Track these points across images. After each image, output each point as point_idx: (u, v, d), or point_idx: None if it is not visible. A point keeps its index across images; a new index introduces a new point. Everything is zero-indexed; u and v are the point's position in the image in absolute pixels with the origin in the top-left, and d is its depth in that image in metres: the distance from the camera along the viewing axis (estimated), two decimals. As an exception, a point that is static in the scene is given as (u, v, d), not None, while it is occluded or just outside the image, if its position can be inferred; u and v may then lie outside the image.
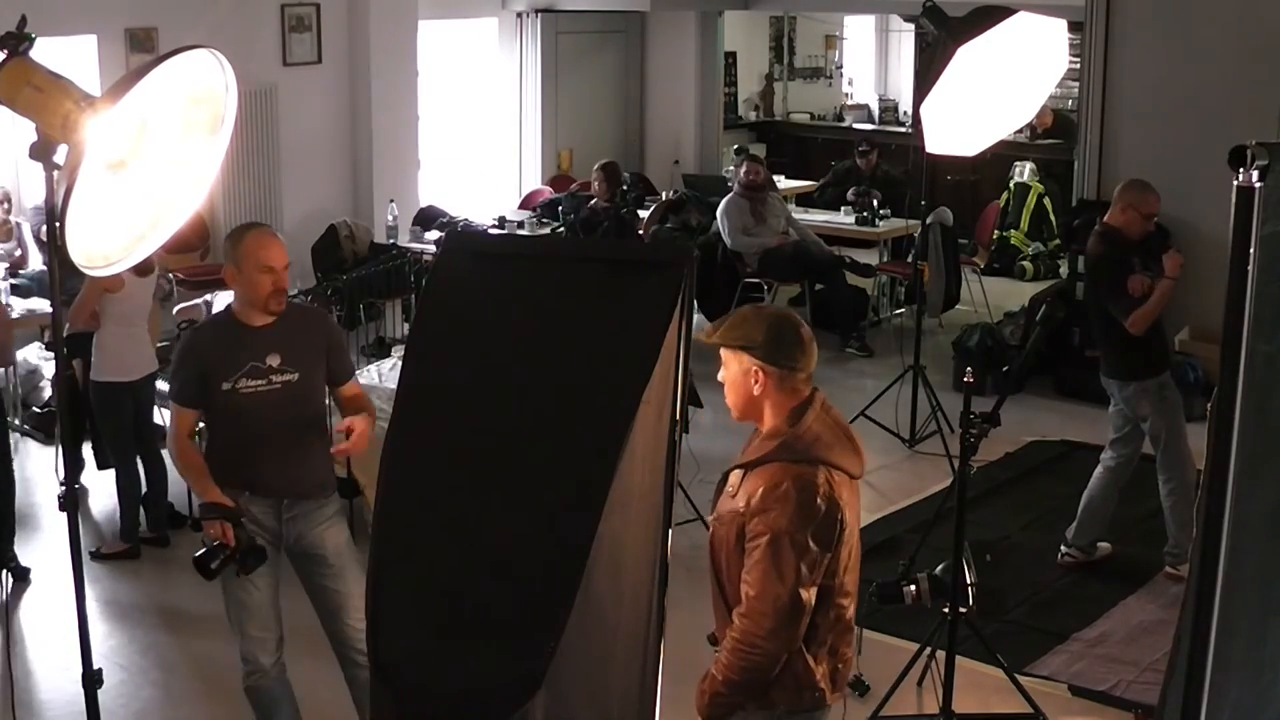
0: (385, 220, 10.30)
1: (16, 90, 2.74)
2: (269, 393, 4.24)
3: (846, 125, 14.91)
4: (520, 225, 10.34)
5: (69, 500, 3.24)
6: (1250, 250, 2.29)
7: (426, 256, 9.37)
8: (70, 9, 8.70)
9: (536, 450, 2.87)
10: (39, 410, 8.03)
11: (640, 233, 10.50)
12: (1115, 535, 6.37)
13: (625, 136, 13.49)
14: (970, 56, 6.31)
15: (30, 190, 8.98)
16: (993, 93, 6.58)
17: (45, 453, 7.71)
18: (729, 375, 3.31)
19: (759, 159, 10.47)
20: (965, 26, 6.43)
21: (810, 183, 12.72)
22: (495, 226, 10.33)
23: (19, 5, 3.15)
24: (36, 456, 7.71)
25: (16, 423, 7.68)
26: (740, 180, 10.11)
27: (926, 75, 6.59)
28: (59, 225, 2.66)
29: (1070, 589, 6.08)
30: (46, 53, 2.85)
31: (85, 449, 7.07)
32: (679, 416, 2.96)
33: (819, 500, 3.14)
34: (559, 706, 2.80)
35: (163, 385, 6.54)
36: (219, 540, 4.12)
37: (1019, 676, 5.02)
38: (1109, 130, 8.86)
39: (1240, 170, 2.29)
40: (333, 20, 10.49)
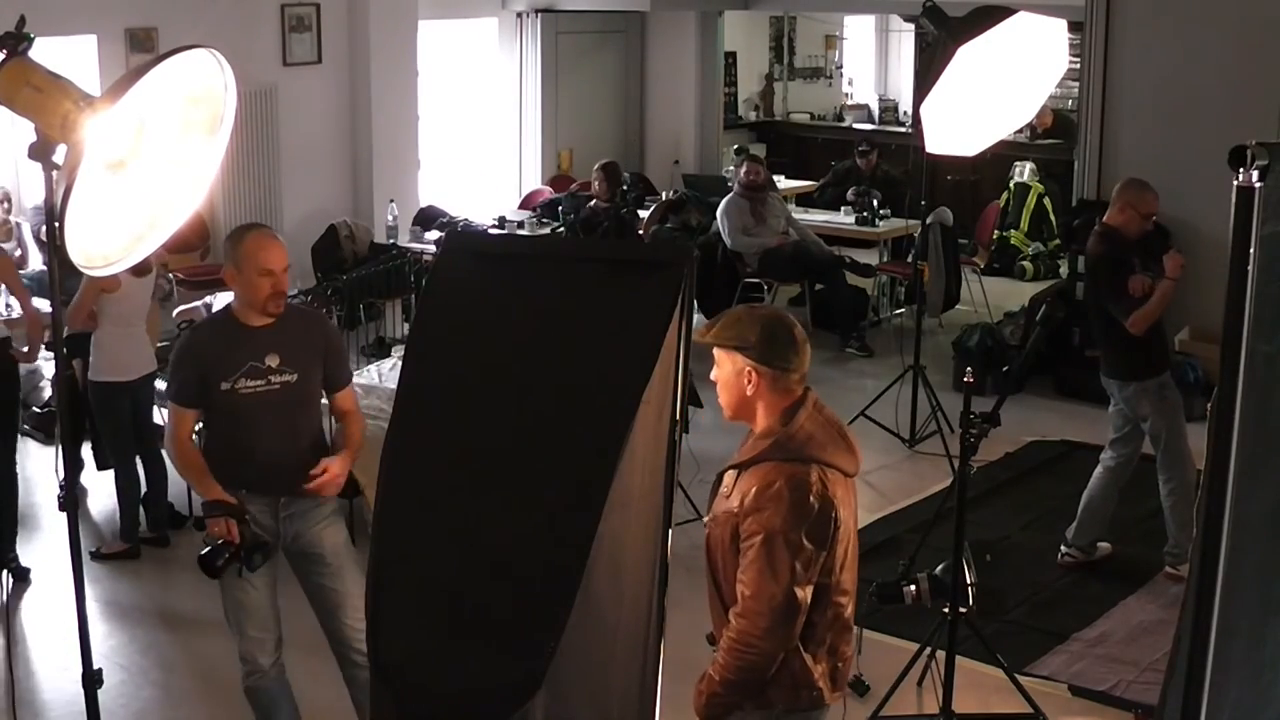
0: (385, 220, 10.30)
1: (16, 90, 2.74)
2: (268, 393, 4.24)
3: (846, 125, 14.91)
4: (520, 225, 10.34)
5: (69, 500, 3.24)
6: (1250, 250, 2.29)
7: (426, 256, 9.37)
8: (70, 9, 8.70)
9: (536, 450, 2.87)
10: (39, 410, 8.03)
11: (640, 233, 10.50)
12: (1115, 535, 6.36)
13: (625, 136, 13.49)
14: (970, 56, 6.31)
15: (30, 190, 8.98)
16: (993, 93, 6.57)
17: (45, 453, 7.71)
18: (722, 375, 3.32)
19: (759, 159, 10.50)
20: (965, 26, 6.43)
21: (810, 183, 12.72)
22: (495, 226, 10.33)
23: (19, 5, 3.15)
24: (36, 456, 7.70)
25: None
26: (740, 180, 10.12)
27: (926, 75, 6.59)
28: (58, 225, 2.66)
29: (1070, 589, 6.08)
30: (46, 53, 2.85)
31: (85, 449, 7.07)
32: (679, 416, 2.96)
33: (812, 499, 3.14)
34: (559, 706, 2.80)
35: (162, 385, 6.54)
36: (224, 538, 4.11)
37: (1019, 676, 5.03)
38: (1109, 130, 8.86)
39: (1240, 170, 2.29)
40: (333, 20, 10.49)
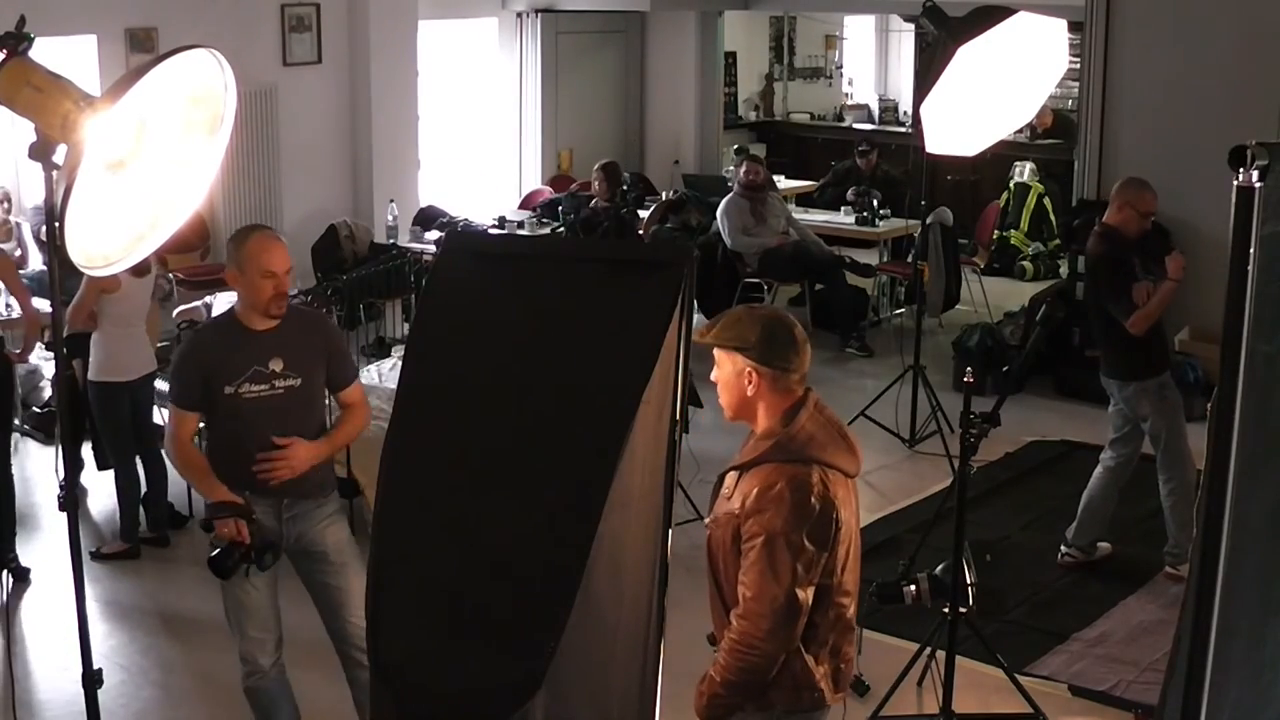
0: (385, 220, 10.30)
1: (16, 90, 2.74)
2: (271, 397, 4.23)
3: (846, 125, 14.91)
4: (520, 225, 10.34)
5: (69, 500, 3.24)
6: (1250, 250, 2.29)
7: (426, 256, 9.37)
8: (70, 9, 8.70)
9: (536, 450, 2.87)
10: (39, 410, 8.03)
11: (640, 233, 10.50)
12: (1115, 535, 6.36)
13: (625, 136, 13.49)
14: (970, 56, 6.31)
15: (30, 190, 8.98)
16: (993, 93, 6.57)
17: (45, 453, 7.71)
18: (722, 376, 3.31)
19: (758, 159, 10.49)
20: (965, 26, 6.43)
21: (810, 183, 12.72)
22: (495, 226, 10.33)
23: (19, 5, 3.15)
24: (36, 456, 7.71)
25: (17, 422, 7.67)
26: (740, 180, 10.12)
27: (926, 75, 6.59)
28: (59, 225, 2.66)
29: (1070, 589, 6.08)
30: (46, 53, 2.85)
31: (85, 449, 7.07)
32: (679, 416, 2.96)
33: (813, 500, 3.13)
34: (559, 706, 2.80)
35: (162, 385, 6.54)
36: (233, 539, 4.08)
37: (1019, 676, 5.02)
38: (1109, 130, 8.86)
39: (1240, 170, 2.29)
40: (333, 20, 10.49)
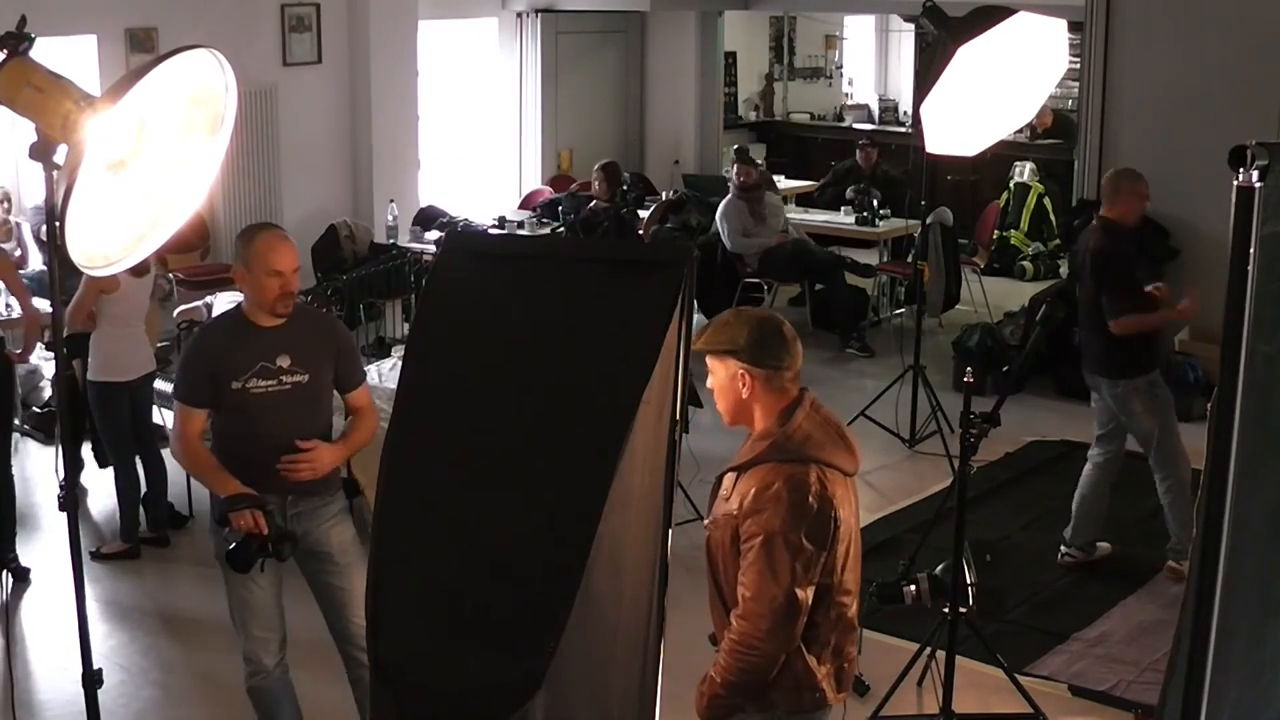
0: (385, 220, 10.30)
1: (16, 90, 2.74)
2: (279, 393, 4.22)
3: (846, 125, 14.90)
4: (520, 225, 10.34)
5: (69, 500, 3.24)
6: (1250, 250, 2.29)
7: (426, 256, 9.37)
8: (70, 9, 8.70)
9: (536, 450, 2.87)
10: (39, 410, 8.03)
11: (640, 233, 10.50)
12: (1115, 535, 6.37)
13: (625, 136, 13.49)
14: (970, 56, 6.31)
15: (30, 190, 8.98)
16: (993, 93, 6.57)
17: (45, 453, 7.71)
18: (717, 382, 3.32)
19: (750, 159, 10.37)
20: (965, 26, 6.43)
21: (810, 183, 12.72)
22: (495, 226, 10.33)
23: (19, 5, 3.15)
24: (36, 456, 7.71)
25: (17, 422, 7.67)
26: (733, 182, 10.10)
27: (926, 75, 6.59)
28: (59, 225, 2.66)
29: (1070, 589, 6.08)
30: (46, 53, 2.85)
31: (85, 449, 7.07)
32: (679, 416, 2.96)
33: (811, 499, 3.13)
34: (559, 706, 2.80)
35: (161, 385, 6.54)
36: (250, 530, 4.03)
37: (1019, 676, 5.02)
38: (1109, 130, 8.87)
39: (1240, 170, 2.29)
40: (333, 20, 10.49)
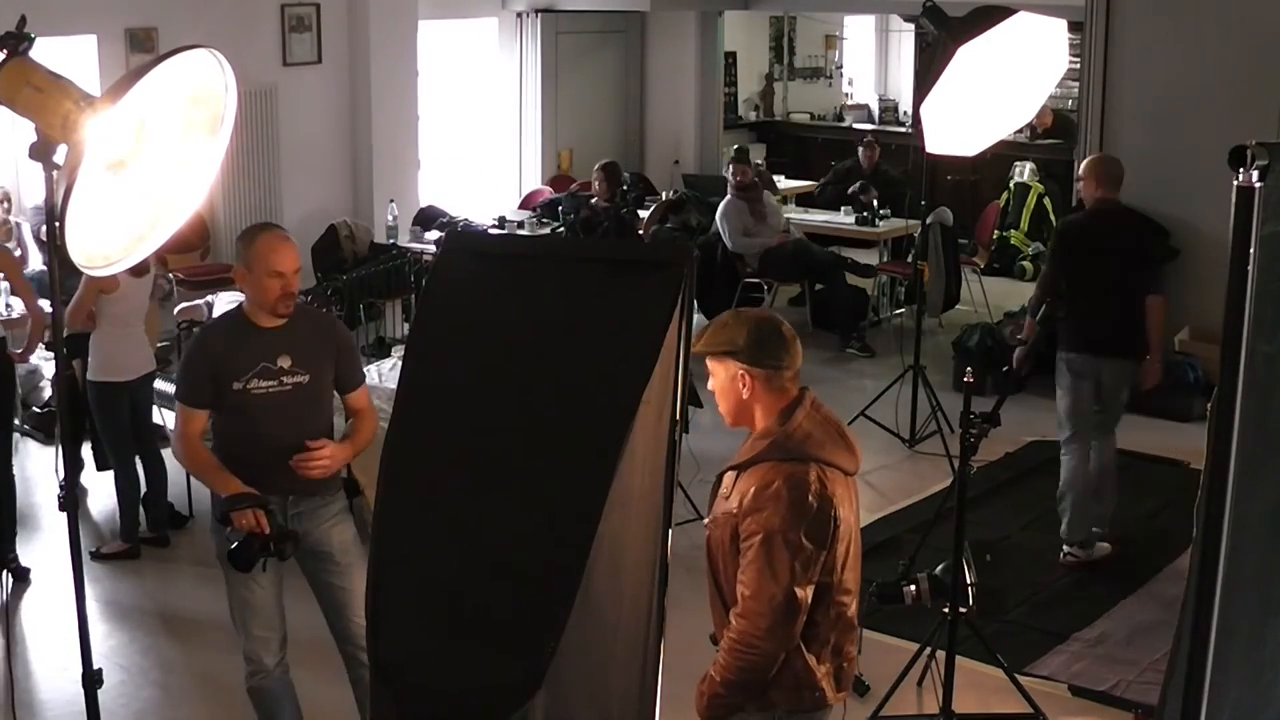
0: (385, 220, 10.30)
1: (16, 90, 2.74)
2: (280, 393, 4.22)
3: (846, 125, 14.90)
4: (520, 225, 10.34)
5: (69, 500, 3.24)
6: (1250, 250, 2.28)
7: (426, 256, 9.36)
8: (70, 9, 8.69)
9: (536, 450, 2.87)
10: (39, 410, 8.03)
11: (640, 233, 10.50)
12: (1115, 535, 6.37)
13: (625, 136, 13.49)
14: (970, 56, 6.32)
15: (30, 190, 8.98)
16: (993, 93, 6.58)
17: (45, 453, 7.71)
18: (717, 383, 3.32)
19: (747, 159, 10.32)
20: (965, 26, 6.43)
21: (810, 182, 12.71)
22: (495, 226, 10.33)
23: (19, 5, 3.15)
24: (36, 456, 7.71)
25: (17, 422, 7.67)
26: (731, 183, 10.07)
27: (926, 75, 6.59)
28: (59, 225, 2.66)
29: (1070, 589, 6.08)
30: (46, 53, 2.85)
31: (85, 449, 7.07)
32: (679, 416, 2.96)
33: (810, 498, 3.14)
34: (559, 706, 2.81)
35: (161, 385, 6.54)
36: (252, 529, 4.03)
37: (1019, 676, 5.02)
38: (1109, 130, 8.85)
39: (1240, 170, 2.29)
40: (333, 20, 10.49)
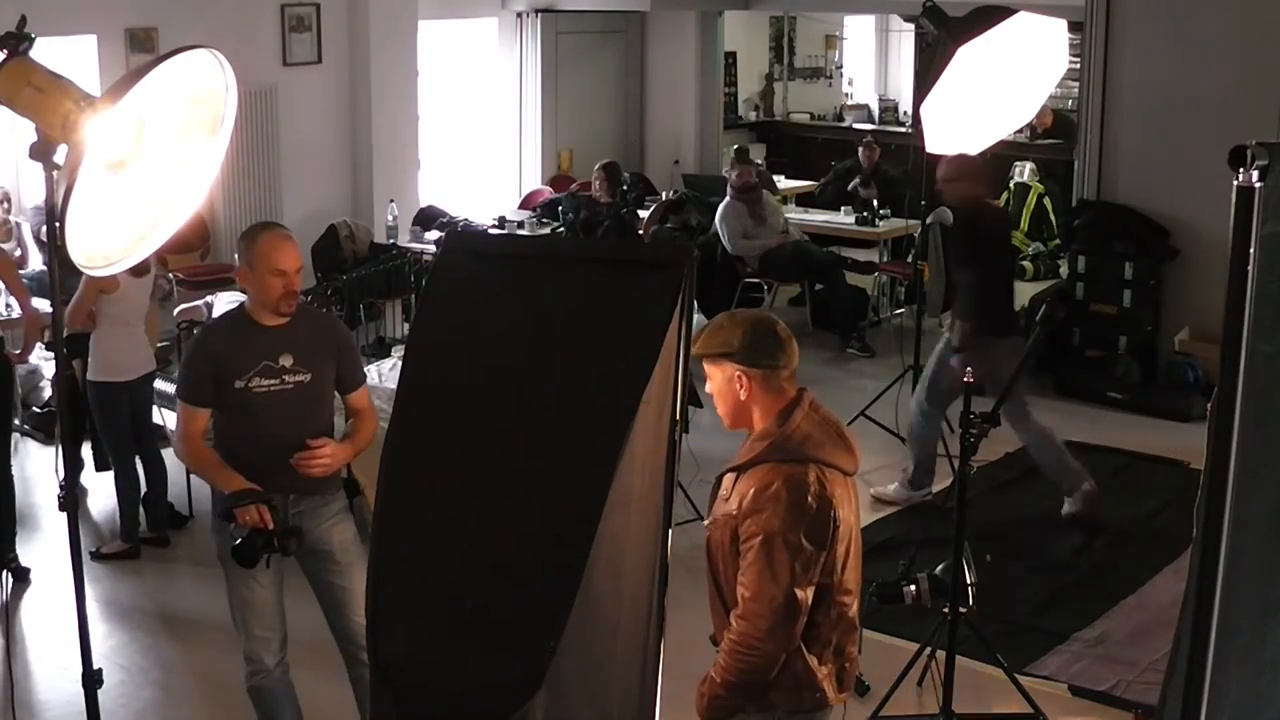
0: (385, 220, 10.30)
1: (16, 90, 2.74)
2: (281, 392, 4.22)
3: (846, 125, 14.90)
4: (520, 225, 10.34)
5: (69, 500, 3.24)
6: (1250, 250, 2.28)
7: (426, 256, 9.36)
8: (70, 9, 8.69)
9: (536, 450, 2.87)
10: (39, 410, 8.03)
11: (640, 233, 10.49)
12: (1115, 535, 6.38)
13: (625, 136, 13.48)
14: (970, 56, 6.31)
15: (30, 190, 8.98)
16: (993, 93, 6.58)
17: (45, 453, 7.71)
18: (715, 386, 3.32)
19: (749, 160, 10.34)
20: (965, 26, 6.42)
21: (810, 182, 12.71)
22: (495, 226, 10.33)
23: (19, 5, 3.15)
24: (36, 456, 7.71)
25: (17, 422, 7.67)
26: (732, 183, 10.02)
27: (926, 75, 6.59)
28: (59, 225, 2.66)
29: (1070, 589, 6.07)
30: (46, 53, 2.85)
31: (85, 449, 7.07)
32: (679, 416, 2.96)
33: (810, 499, 3.13)
34: (559, 706, 2.81)
35: (161, 385, 6.54)
36: (255, 525, 4.04)
37: (1019, 676, 5.02)
38: (1109, 130, 8.86)
39: (1240, 170, 2.29)
40: (333, 20, 10.49)
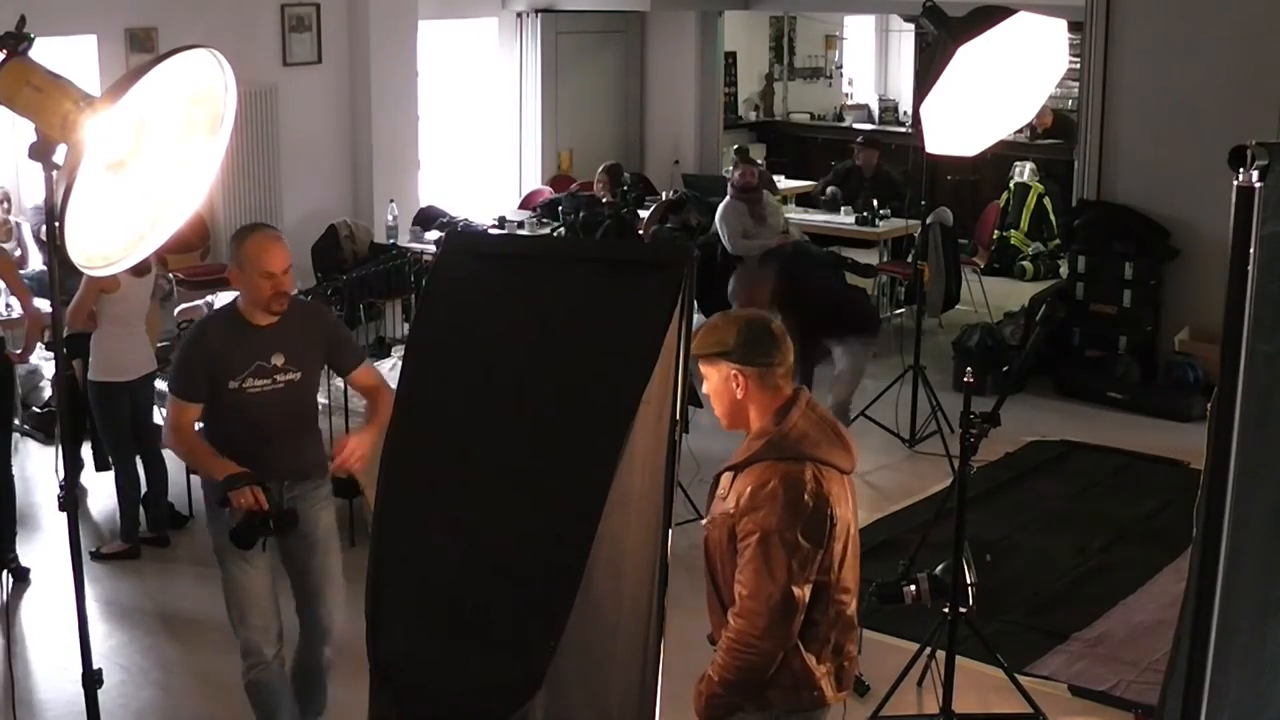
0: (385, 220, 10.30)
1: (16, 90, 2.74)
2: (274, 391, 4.29)
3: (846, 125, 14.89)
4: (520, 225, 10.34)
5: (69, 500, 3.25)
6: (1250, 250, 2.28)
7: (426, 256, 9.36)
8: (70, 9, 8.69)
9: (536, 450, 2.87)
10: (39, 410, 8.03)
11: (640, 233, 10.49)
12: (1115, 535, 6.37)
13: (625, 136, 13.48)
14: (970, 56, 6.31)
15: (30, 190, 8.97)
16: (993, 93, 6.57)
17: (45, 453, 7.71)
18: (711, 386, 3.32)
19: (752, 161, 10.33)
20: (965, 26, 6.42)
21: (810, 182, 12.71)
22: (495, 226, 10.33)
23: (19, 5, 3.15)
24: (36, 456, 7.71)
25: (17, 422, 7.67)
26: (734, 183, 9.96)
27: (926, 75, 6.58)
28: (59, 225, 2.66)
29: (1070, 589, 6.07)
30: (46, 53, 2.85)
31: (85, 449, 7.07)
32: (679, 416, 2.96)
33: (807, 497, 3.13)
34: (559, 706, 2.81)
35: (162, 385, 6.53)
36: (251, 507, 4.10)
37: (1019, 676, 5.02)
38: (1109, 130, 8.86)
39: (1240, 170, 2.29)
40: (333, 20, 10.49)
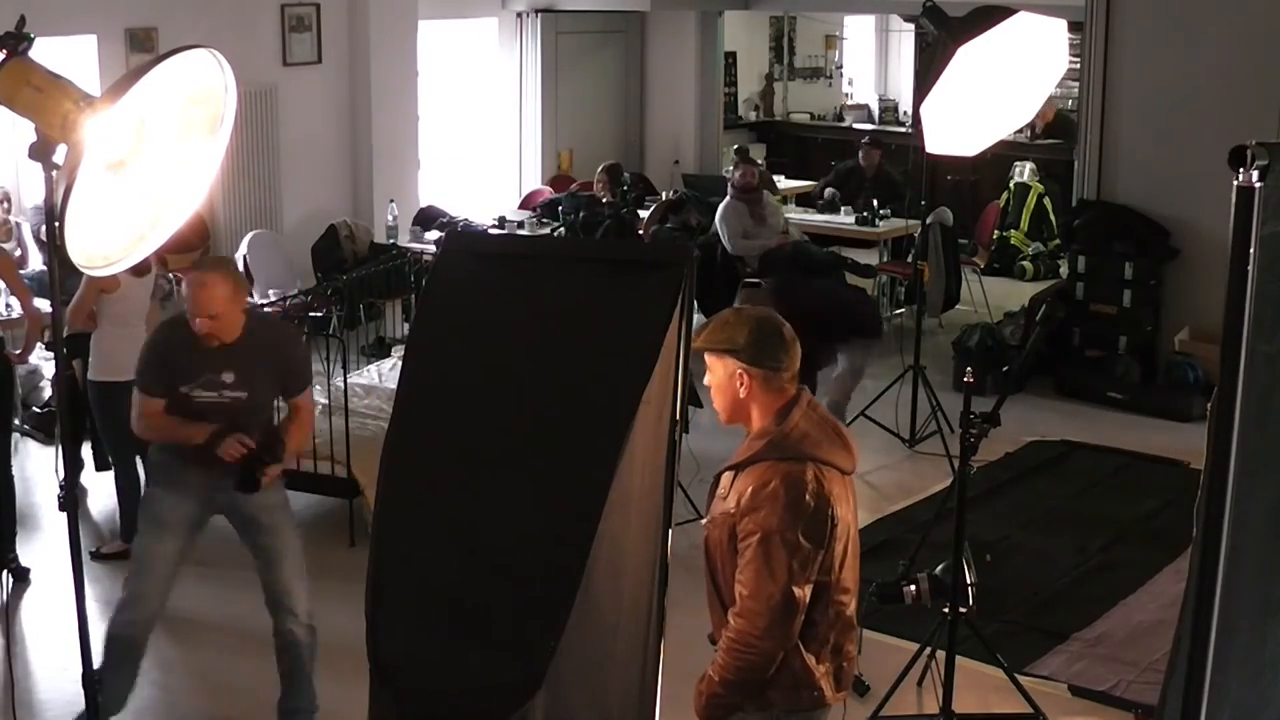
0: (385, 220, 10.30)
1: (16, 90, 2.74)
2: (218, 404, 4.49)
3: (846, 125, 14.90)
4: (520, 225, 10.34)
5: (69, 500, 3.25)
6: (1250, 250, 2.28)
7: (426, 256, 9.36)
8: (70, 9, 8.69)
9: (536, 450, 2.87)
10: (39, 410, 8.03)
11: (640, 233, 10.49)
12: (1115, 535, 6.37)
13: (625, 136, 13.49)
14: (970, 56, 6.31)
15: (30, 190, 8.97)
16: (993, 93, 6.57)
17: (45, 453, 7.71)
18: (715, 380, 3.32)
19: (752, 161, 10.32)
20: (965, 26, 6.42)
21: (810, 182, 12.71)
22: (495, 226, 10.33)
23: (19, 5, 3.15)
24: (36, 456, 7.70)
25: (17, 422, 7.67)
26: (734, 183, 9.96)
27: (926, 75, 6.58)
28: (59, 225, 2.66)
29: (1070, 589, 6.07)
30: (46, 53, 2.85)
31: (85, 449, 7.07)
32: (679, 416, 2.97)
33: (808, 497, 3.13)
34: (559, 706, 2.81)
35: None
36: (241, 454, 4.34)
37: (1019, 676, 5.02)
38: (1109, 130, 8.86)
39: (1240, 170, 2.29)
40: (333, 20, 10.48)
